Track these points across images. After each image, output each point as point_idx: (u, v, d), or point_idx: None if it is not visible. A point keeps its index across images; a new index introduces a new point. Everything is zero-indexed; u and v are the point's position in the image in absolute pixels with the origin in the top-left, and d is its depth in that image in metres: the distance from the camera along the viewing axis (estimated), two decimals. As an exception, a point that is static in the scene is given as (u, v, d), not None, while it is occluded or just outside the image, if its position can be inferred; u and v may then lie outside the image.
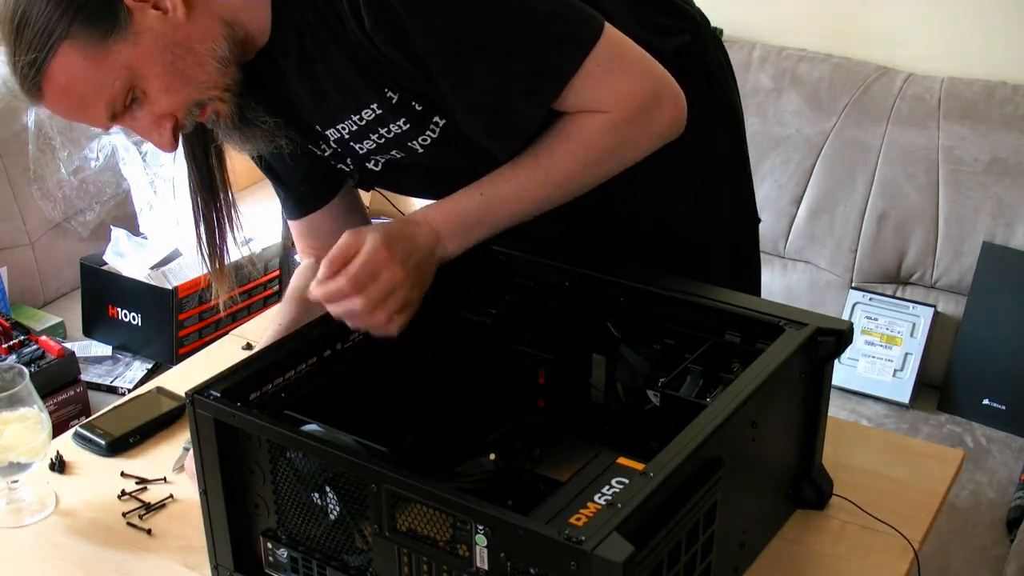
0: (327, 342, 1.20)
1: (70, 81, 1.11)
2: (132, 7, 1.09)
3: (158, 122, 1.16)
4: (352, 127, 1.26)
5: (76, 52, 1.09)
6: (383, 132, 1.26)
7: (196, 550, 1.19)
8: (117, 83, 1.11)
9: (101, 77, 1.10)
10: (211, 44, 1.14)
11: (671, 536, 0.94)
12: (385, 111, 1.23)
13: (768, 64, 2.55)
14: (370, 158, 1.32)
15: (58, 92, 1.12)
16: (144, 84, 1.13)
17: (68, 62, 1.09)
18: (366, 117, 1.24)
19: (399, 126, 1.25)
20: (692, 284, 1.24)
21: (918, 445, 1.43)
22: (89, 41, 1.09)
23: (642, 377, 1.25)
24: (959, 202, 2.35)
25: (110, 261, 2.50)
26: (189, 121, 1.18)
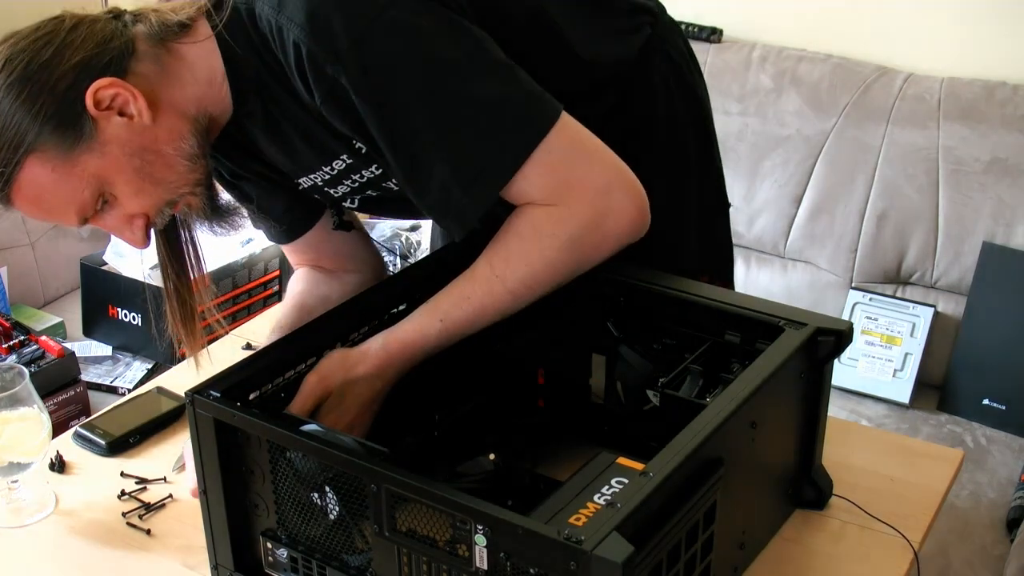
0: (327, 342, 1.20)
1: (39, 192, 1.11)
2: (97, 117, 1.09)
3: (129, 221, 1.17)
4: (325, 176, 1.26)
5: (43, 164, 1.09)
6: (356, 178, 1.25)
7: (196, 550, 1.19)
8: (86, 192, 1.12)
9: (70, 187, 1.11)
10: (178, 143, 1.14)
11: (671, 536, 0.94)
12: (356, 160, 1.22)
13: (768, 64, 2.55)
14: (346, 199, 1.31)
15: (27, 202, 1.13)
16: (113, 189, 1.13)
17: (36, 174, 1.10)
18: (337, 167, 1.24)
19: (371, 172, 1.24)
20: (692, 284, 1.24)
21: (918, 445, 1.43)
22: (56, 153, 1.09)
23: (642, 377, 1.25)
24: (959, 202, 2.35)
25: (110, 261, 2.50)
26: (160, 219, 1.19)
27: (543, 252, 1.15)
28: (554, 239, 1.14)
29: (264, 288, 2.65)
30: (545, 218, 1.14)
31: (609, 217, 1.15)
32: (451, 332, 1.18)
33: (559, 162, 1.13)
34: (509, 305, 1.17)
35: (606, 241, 1.17)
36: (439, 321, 1.17)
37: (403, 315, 1.29)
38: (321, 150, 1.22)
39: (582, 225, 1.14)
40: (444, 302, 1.18)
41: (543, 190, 1.14)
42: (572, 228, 1.14)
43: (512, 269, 1.15)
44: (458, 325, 1.17)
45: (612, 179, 1.16)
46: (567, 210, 1.14)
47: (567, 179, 1.14)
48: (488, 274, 1.16)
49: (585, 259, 1.17)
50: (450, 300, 1.18)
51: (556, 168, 1.13)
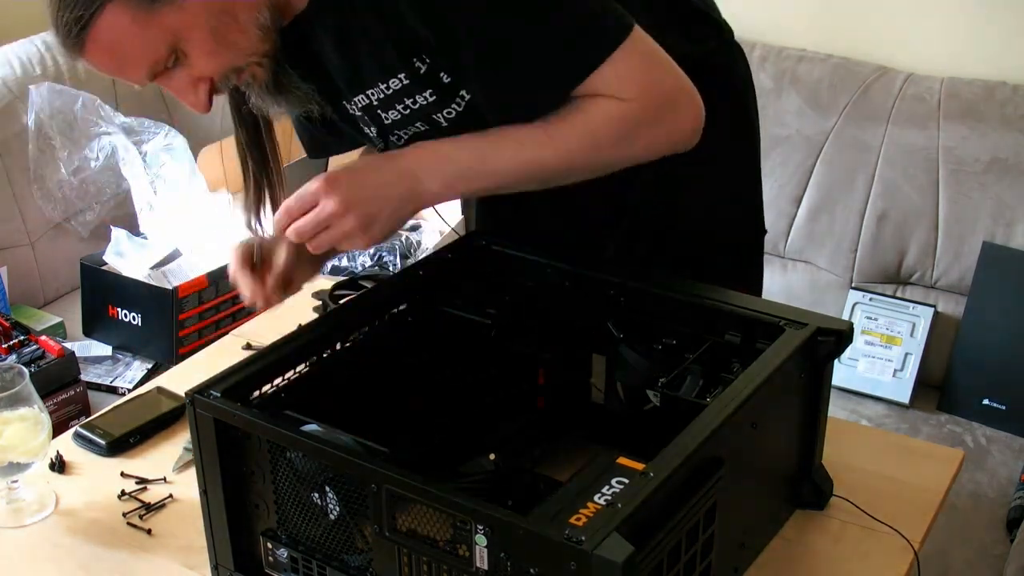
0: (327, 342, 1.20)
1: (114, 41, 1.11)
2: None
3: (194, 84, 1.17)
4: (380, 95, 1.26)
5: (123, 13, 1.09)
6: (409, 103, 1.26)
7: (196, 550, 1.19)
8: (161, 46, 1.12)
9: (146, 39, 1.11)
10: (254, 12, 1.15)
11: (671, 536, 0.94)
12: (412, 82, 1.23)
13: (768, 64, 2.55)
14: (394, 131, 1.32)
15: (101, 50, 1.12)
16: (187, 48, 1.13)
17: (114, 22, 1.09)
18: (393, 86, 1.24)
19: (425, 98, 1.25)
20: (692, 284, 1.24)
21: (918, 445, 1.43)
22: (137, 3, 1.09)
23: (642, 377, 1.25)
24: (959, 202, 2.35)
25: (110, 261, 2.50)
26: (224, 85, 1.19)
27: (598, 133, 1.20)
28: (613, 126, 1.20)
29: (264, 288, 2.64)
30: (612, 108, 1.20)
31: (668, 121, 1.22)
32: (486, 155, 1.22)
33: (632, 67, 1.19)
34: (549, 160, 1.22)
35: (658, 142, 1.23)
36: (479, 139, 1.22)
37: (403, 314, 1.29)
38: (382, 64, 1.23)
39: (645, 121, 1.21)
40: (492, 129, 1.23)
41: (613, 87, 1.19)
42: (631, 123, 1.20)
43: (563, 132, 1.20)
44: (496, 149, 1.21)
45: (681, 88, 1.22)
46: (636, 104, 1.20)
47: (638, 82, 1.19)
48: (541, 127, 1.21)
49: (631, 153, 1.24)
50: (498, 128, 1.22)
51: (627, 70, 1.19)
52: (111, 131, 2.67)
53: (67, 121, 2.64)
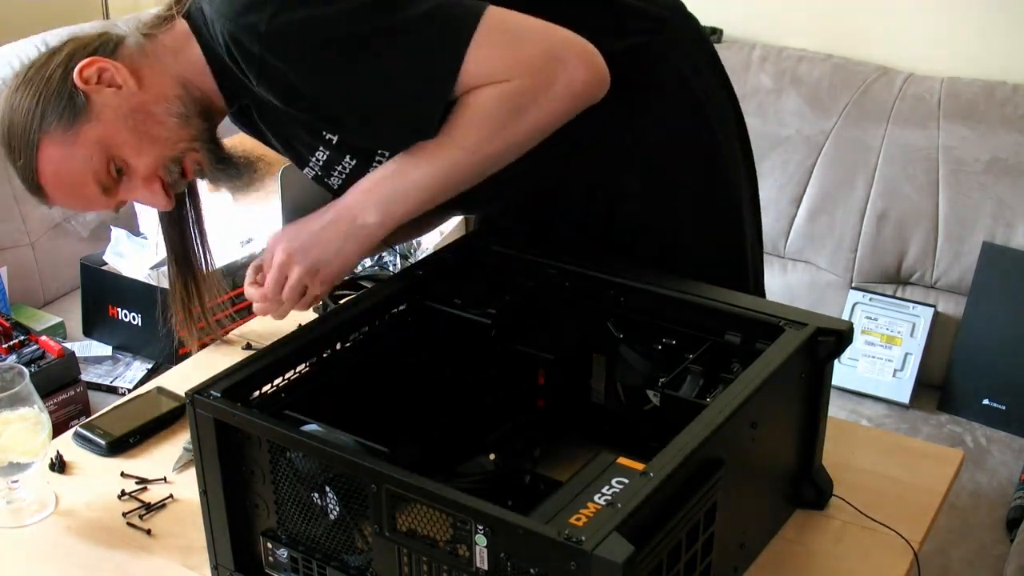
0: (327, 342, 1.20)
1: (57, 169, 1.24)
2: (87, 91, 1.22)
3: (147, 185, 1.27)
4: (316, 166, 1.34)
5: (54, 143, 1.22)
6: (340, 169, 1.33)
7: (196, 550, 1.19)
8: (95, 158, 1.23)
9: (80, 157, 1.23)
10: (165, 104, 1.24)
11: (671, 536, 0.94)
12: (331, 151, 1.31)
13: (768, 64, 2.55)
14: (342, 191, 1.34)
15: (52, 182, 1.25)
16: (119, 153, 1.24)
17: (51, 153, 1.23)
18: (320, 158, 1.33)
19: (348, 163, 1.32)
20: (692, 284, 1.24)
21: (918, 445, 1.43)
22: (61, 131, 1.22)
23: (642, 377, 1.25)
24: (959, 202, 2.35)
25: (110, 261, 2.50)
26: (173, 179, 1.28)
27: (487, 119, 1.22)
28: (499, 107, 1.21)
29: (264, 288, 2.64)
30: (489, 93, 1.21)
31: (558, 81, 1.21)
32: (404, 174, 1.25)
33: (495, 48, 1.20)
34: (462, 159, 1.24)
35: (556, 103, 1.22)
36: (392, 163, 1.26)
37: (403, 314, 1.29)
38: (303, 142, 1.32)
39: (530, 90, 1.21)
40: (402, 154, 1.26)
41: (486, 74, 1.20)
42: (518, 95, 1.21)
43: (462, 131, 1.23)
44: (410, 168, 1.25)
45: (555, 47, 1.21)
46: (511, 84, 1.20)
47: (504, 60, 1.20)
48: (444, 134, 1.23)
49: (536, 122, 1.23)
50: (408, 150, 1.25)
51: (490, 55, 1.20)
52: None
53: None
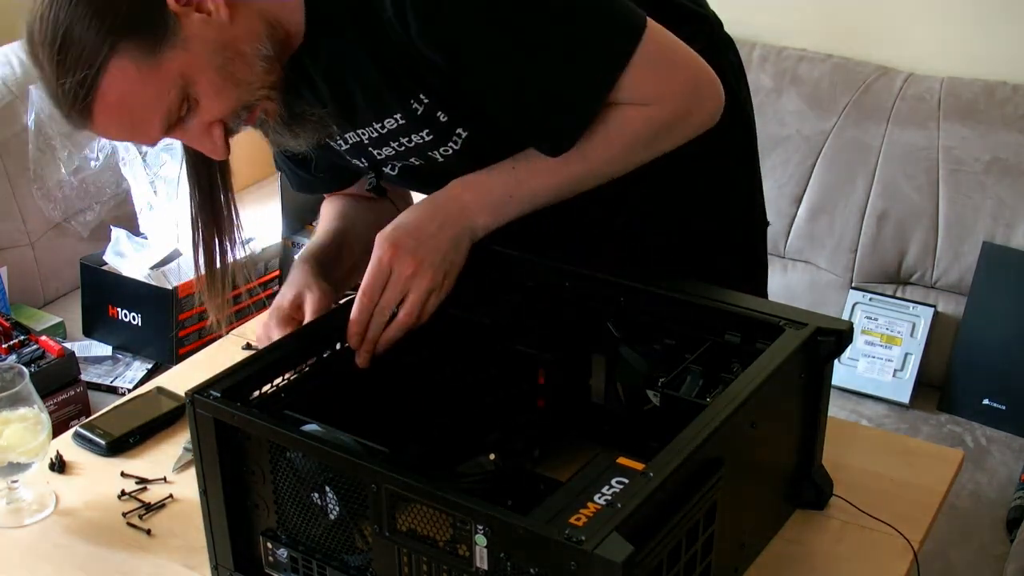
0: (327, 342, 1.20)
1: (123, 96, 1.07)
2: (178, 12, 1.07)
3: (208, 129, 1.14)
4: (372, 134, 1.26)
5: (128, 65, 1.05)
6: (404, 141, 1.26)
7: (196, 550, 1.19)
8: (172, 92, 1.09)
9: (156, 88, 1.08)
10: (256, 44, 1.12)
11: (671, 536, 0.94)
12: (409, 121, 1.23)
13: (768, 64, 2.55)
14: (387, 164, 1.32)
15: (111, 111, 1.08)
16: (196, 89, 1.10)
17: (121, 76, 1.05)
18: (388, 126, 1.25)
19: (421, 137, 1.25)
20: (692, 284, 1.24)
21: (918, 445, 1.43)
22: (141, 52, 1.05)
23: (642, 377, 1.25)
24: (959, 202, 2.35)
25: (110, 261, 2.50)
26: (236, 125, 1.17)
27: (627, 142, 1.23)
28: (641, 132, 1.22)
29: (264, 288, 2.65)
30: (636, 114, 1.21)
31: (693, 113, 1.24)
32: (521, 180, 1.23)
33: (652, 69, 1.19)
34: (582, 173, 1.24)
35: (686, 133, 1.25)
36: (511, 167, 1.23)
37: (403, 315, 1.28)
38: (378, 105, 1.23)
39: (669, 123, 1.23)
40: (521, 153, 1.24)
41: (636, 96, 1.20)
42: (659, 125, 1.23)
43: (593, 147, 1.22)
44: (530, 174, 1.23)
45: (699, 79, 1.24)
46: (657, 109, 1.21)
47: (659, 85, 1.21)
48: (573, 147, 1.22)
49: (663, 148, 1.26)
50: (527, 152, 1.23)
51: (649, 75, 1.19)
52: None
53: (67, 121, 2.63)
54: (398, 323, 1.21)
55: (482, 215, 1.24)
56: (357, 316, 1.19)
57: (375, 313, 1.19)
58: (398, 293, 1.20)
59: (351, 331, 1.19)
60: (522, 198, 1.24)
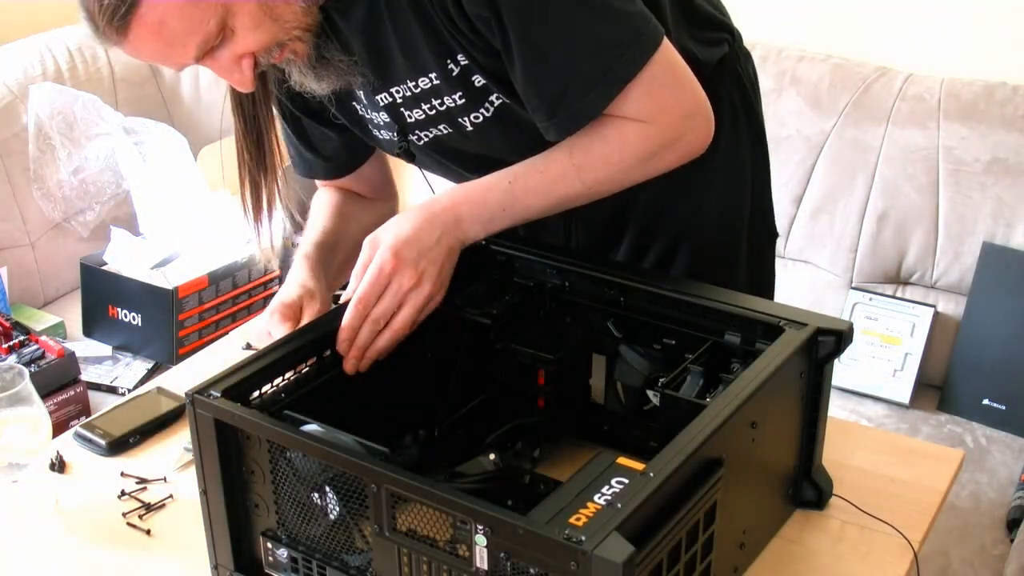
0: (327, 342, 1.20)
1: (164, 17, 1.08)
2: None
3: (238, 62, 1.16)
4: (406, 92, 1.27)
5: None
6: (436, 103, 1.27)
7: (196, 550, 1.19)
8: (212, 21, 1.10)
9: (196, 15, 1.08)
10: None
11: (671, 536, 0.94)
12: (443, 81, 1.24)
13: (768, 64, 2.55)
14: (415, 131, 1.32)
15: (148, 32, 1.09)
16: (236, 22, 1.12)
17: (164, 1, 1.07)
18: (422, 85, 1.25)
19: (454, 99, 1.26)
20: (692, 284, 1.24)
21: (918, 445, 1.43)
22: None
23: (642, 377, 1.25)
24: (959, 202, 2.35)
25: (110, 261, 2.50)
26: (266, 60, 1.18)
27: (623, 159, 1.24)
28: (637, 150, 1.23)
29: (264, 288, 2.65)
30: (633, 131, 1.22)
31: (686, 139, 1.25)
32: (517, 197, 1.24)
33: (659, 85, 1.21)
34: (577, 192, 1.26)
35: (674, 157, 1.27)
36: (508, 182, 1.24)
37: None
38: (414, 62, 1.23)
39: (664, 144, 1.24)
40: (517, 167, 1.25)
41: (638, 109, 1.21)
42: (655, 145, 1.24)
43: (590, 163, 1.23)
44: (526, 192, 1.24)
45: (698, 105, 1.25)
46: (655, 128, 1.23)
47: (663, 102, 1.22)
48: (566, 160, 1.24)
49: (653, 171, 1.27)
50: (523, 167, 1.25)
51: (655, 90, 1.21)
52: (111, 131, 2.67)
53: (67, 121, 2.64)
54: (392, 333, 1.20)
55: (474, 227, 1.26)
56: (350, 323, 1.19)
57: (368, 322, 1.19)
58: (395, 305, 1.20)
59: (342, 337, 1.19)
60: (515, 214, 1.26)
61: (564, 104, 1.20)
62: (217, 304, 2.51)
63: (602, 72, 1.18)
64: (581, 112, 1.21)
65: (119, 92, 2.83)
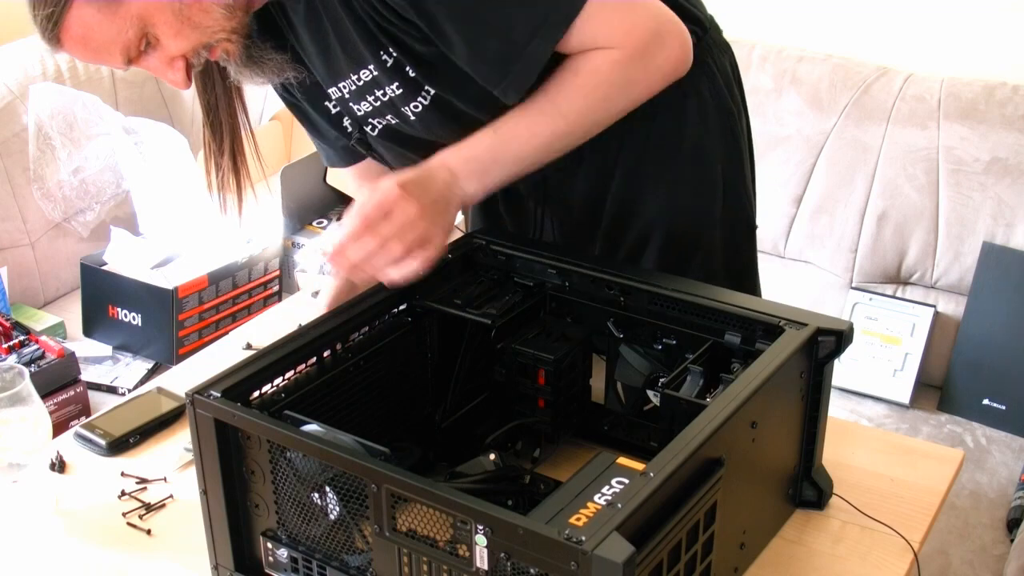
0: (327, 342, 1.20)
1: (86, 32, 1.17)
2: None
3: (170, 63, 1.22)
4: (351, 86, 1.31)
5: (90, 7, 1.15)
6: (379, 95, 1.31)
7: (196, 550, 1.19)
8: (130, 32, 1.17)
9: (115, 28, 1.17)
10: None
11: (671, 536, 0.94)
12: (380, 73, 1.28)
13: (768, 64, 2.55)
14: (367, 121, 1.35)
15: (75, 42, 1.19)
16: (156, 32, 1.18)
17: (82, 15, 1.16)
18: (363, 78, 1.30)
19: (392, 90, 1.29)
20: (692, 284, 1.24)
21: (918, 445, 1.43)
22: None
23: (642, 377, 1.25)
24: (959, 202, 2.35)
25: (110, 261, 2.50)
26: (198, 61, 1.24)
27: (598, 87, 1.25)
28: (610, 76, 1.24)
29: (264, 288, 2.65)
30: (601, 58, 1.23)
31: (659, 56, 1.26)
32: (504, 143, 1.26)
33: (611, 10, 1.22)
34: (562, 129, 1.26)
35: (654, 78, 1.28)
36: (492, 131, 1.25)
37: (403, 314, 1.29)
38: (352, 56, 1.28)
39: (636, 66, 1.25)
40: (500, 119, 1.26)
41: (597, 38, 1.22)
42: (627, 69, 1.24)
43: (567, 98, 1.25)
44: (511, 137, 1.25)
45: (662, 22, 1.26)
46: (622, 52, 1.23)
47: (620, 25, 1.22)
48: (543, 101, 1.25)
49: (636, 95, 1.28)
50: (505, 117, 1.26)
51: (609, 16, 1.22)
52: (111, 131, 2.67)
53: (67, 121, 2.64)
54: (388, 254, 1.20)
55: (470, 181, 1.26)
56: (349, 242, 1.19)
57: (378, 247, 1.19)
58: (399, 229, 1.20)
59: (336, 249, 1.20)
60: (506, 161, 1.27)
61: (511, 59, 1.22)
62: (217, 304, 2.51)
63: (542, 16, 1.20)
64: (530, 61, 1.22)
65: (119, 92, 2.83)
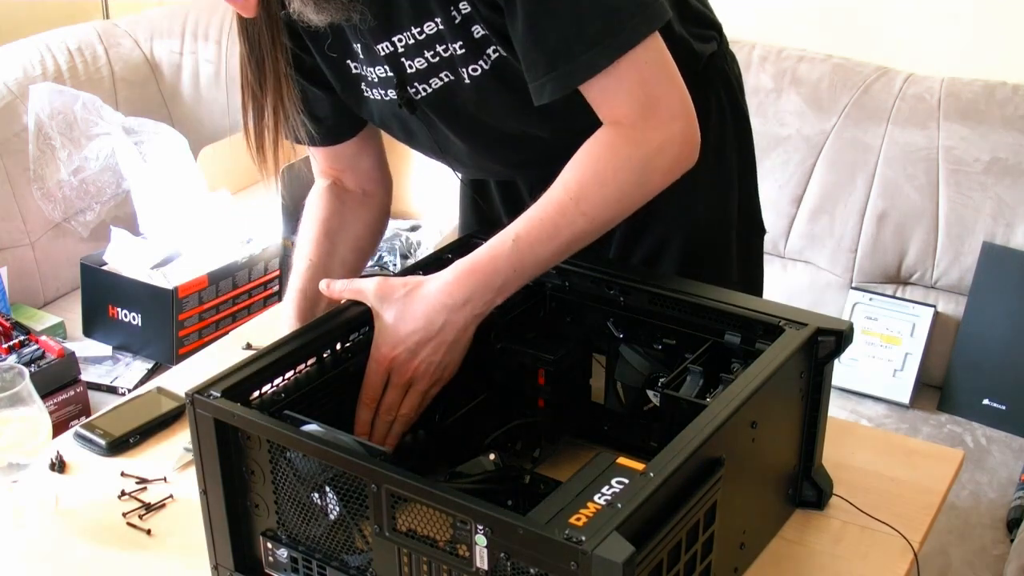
0: (327, 342, 1.20)
1: None
2: None
3: None
4: (409, 40, 1.26)
5: None
6: (440, 50, 1.25)
7: (196, 550, 1.19)
8: None
9: None
10: None
11: (671, 536, 0.94)
12: (446, 28, 1.23)
13: (768, 64, 2.55)
14: (415, 82, 1.30)
15: None
16: None
17: None
18: (426, 31, 1.24)
19: (456, 47, 1.24)
20: (692, 284, 1.24)
21: (918, 445, 1.43)
22: None
23: (642, 377, 1.25)
24: (959, 202, 2.35)
25: (110, 261, 2.50)
26: None
27: (617, 174, 1.18)
28: (629, 161, 1.18)
29: (264, 288, 2.65)
30: (622, 140, 1.18)
31: (675, 144, 1.20)
32: (524, 254, 1.19)
33: (650, 73, 1.17)
34: (582, 229, 1.20)
35: (669, 169, 1.21)
36: (512, 240, 1.19)
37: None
38: (419, 5, 1.22)
39: (654, 149, 1.19)
40: (518, 224, 1.20)
41: (626, 100, 1.17)
42: (646, 151, 1.18)
43: (587, 191, 1.18)
44: (531, 244, 1.19)
45: (683, 107, 1.20)
46: (641, 134, 1.18)
47: (651, 94, 1.18)
48: (562, 196, 1.19)
49: (651, 187, 1.21)
50: (523, 221, 1.20)
51: (646, 79, 1.17)
52: (111, 131, 2.67)
53: (67, 121, 2.64)
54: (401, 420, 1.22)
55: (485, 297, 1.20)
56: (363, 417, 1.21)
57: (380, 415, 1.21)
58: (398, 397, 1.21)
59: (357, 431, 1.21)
60: (526, 271, 1.20)
61: (565, 57, 1.17)
62: (217, 304, 2.51)
63: (605, 34, 1.15)
64: (582, 67, 1.17)
65: (119, 92, 2.83)
